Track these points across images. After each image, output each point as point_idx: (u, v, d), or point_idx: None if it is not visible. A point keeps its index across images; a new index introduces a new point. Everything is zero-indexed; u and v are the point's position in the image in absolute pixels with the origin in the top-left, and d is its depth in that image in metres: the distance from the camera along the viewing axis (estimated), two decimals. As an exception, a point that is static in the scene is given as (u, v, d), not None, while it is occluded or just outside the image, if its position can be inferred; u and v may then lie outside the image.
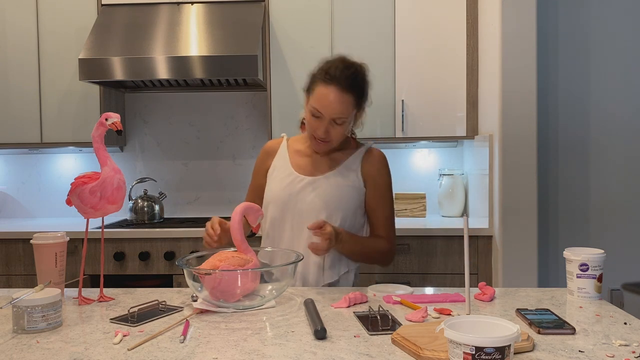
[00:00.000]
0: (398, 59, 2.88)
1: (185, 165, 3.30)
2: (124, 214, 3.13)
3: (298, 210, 1.66)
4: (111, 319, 1.26)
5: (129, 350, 1.06)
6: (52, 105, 2.98)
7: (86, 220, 1.47)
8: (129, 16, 2.89)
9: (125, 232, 2.72)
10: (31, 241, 1.46)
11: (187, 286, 1.44)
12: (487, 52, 2.72)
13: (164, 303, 1.37)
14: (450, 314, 1.28)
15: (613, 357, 1.00)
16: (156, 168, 3.30)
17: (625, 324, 1.20)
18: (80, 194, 1.39)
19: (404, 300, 1.36)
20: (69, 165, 3.32)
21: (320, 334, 1.11)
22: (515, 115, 2.50)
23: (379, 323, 1.17)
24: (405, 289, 1.50)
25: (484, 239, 2.64)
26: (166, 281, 2.77)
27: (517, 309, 1.28)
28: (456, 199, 3.06)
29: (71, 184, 1.41)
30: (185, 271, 1.37)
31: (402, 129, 2.87)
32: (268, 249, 1.68)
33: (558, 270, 2.87)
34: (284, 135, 1.85)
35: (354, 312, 1.29)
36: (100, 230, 2.64)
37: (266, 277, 1.67)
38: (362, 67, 1.65)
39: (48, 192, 3.33)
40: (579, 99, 2.90)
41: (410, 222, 2.87)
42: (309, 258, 1.64)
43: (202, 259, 1.47)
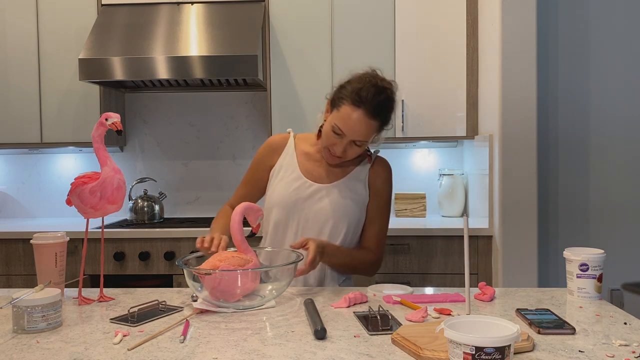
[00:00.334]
0: (398, 59, 2.88)
1: (185, 165, 3.30)
2: (124, 214, 3.13)
3: (304, 217, 1.66)
4: (111, 319, 1.26)
5: (129, 350, 1.06)
6: (52, 105, 2.98)
7: (86, 220, 1.47)
8: (129, 16, 2.89)
9: (125, 232, 2.72)
10: (31, 241, 1.46)
11: (187, 286, 1.44)
12: (487, 52, 2.72)
13: (164, 303, 1.37)
14: (450, 314, 1.28)
15: (613, 357, 1.00)
16: (156, 168, 3.30)
17: (625, 324, 1.20)
18: (80, 194, 1.39)
19: (404, 300, 1.36)
20: (69, 165, 3.32)
21: (320, 334, 1.11)
22: (515, 115, 2.50)
23: (379, 323, 1.17)
24: (405, 289, 1.50)
25: (484, 239, 2.64)
26: (166, 281, 2.77)
27: (517, 309, 1.28)
28: (456, 199, 3.06)
29: (71, 184, 1.41)
30: (185, 271, 1.37)
31: (402, 129, 2.87)
32: (268, 249, 1.68)
33: (558, 270, 2.87)
34: (290, 131, 1.80)
35: (354, 312, 1.29)
36: (100, 230, 2.64)
37: (266, 277, 1.67)
38: (392, 93, 1.61)
39: (48, 192, 3.33)
40: (579, 99, 2.90)
41: (410, 222, 2.87)
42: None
43: (202, 259, 1.47)
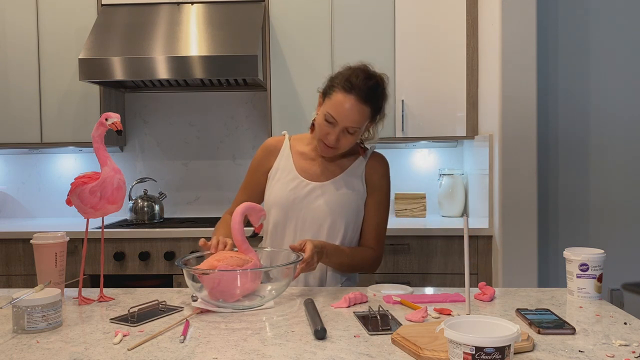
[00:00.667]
0: (398, 59, 2.88)
1: (185, 165, 3.30)
2: (124, 214, 3.13)
3: (302, 216, 1.66)
4: (111, 319, 1.26)
5: (129, 350, 1.06)
6: (52, 105, 2.98)
7: (86, 220, 1.47)
8: (129, 16, 2.89)
9: (125, 232, 2.72)
10: (31, 241, 1.46)
11: (187, 286, 1.44)
12: (487, 52, 2.72)
13: (164, 303, 1.37)
14: (450, 314, 1.28)
15: (613, 357, 1.00)
16: (156, 168, 3.30)
17: (625, 324, 1.20)
18: (80, 194, 1.39)
19: (404, 300, 1.36)
20: (69, 165, 3.32)
21: (320, 334, 1.11)
22: (515, 115, 2.50)
23: (379, 323, 1.17)
24: (405, 289, 1.50)
25: (484, 239, 2.64)
26: (166, 281, 2.77)
27: (517, 309, 1.28)
28: (456, 199, 3.06)
29: (71, 184, 1.41)
30: (184, 271, 1.37)
31: (402, 129, 2.87)
32: (268, 249, 1.68)
33: (558, 270, 2.87)
34: (285, 133, 1.82)
35: (354, 312, 1.29)
36: (100, 230, 2.64)
37: (266, 278, 1.67)
38: (382, 80, 1.63)
39: (48, 192, 3.33)
40: (579, 99, 2.90)
41: (410, 222, 2.87)
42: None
43: (202, 259, 1.46)
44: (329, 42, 2.89)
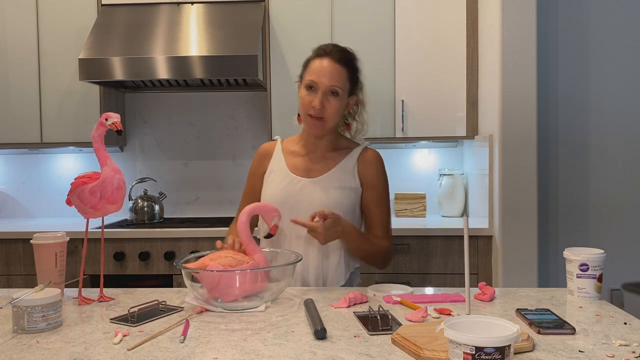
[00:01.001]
0: (398, 59, 2.88)
1: (185, 165, 3.30)
2: (124, 214, 3.13)
3: (296, 212, 1.65)
4: (111, 319, 1.26)
5: (129, 350, 1.06)
6: (52, 105, 2.98)
7: (86, 220, 1.47)
8: (129, 16, 2.89)
9: (125, 232, 2.72)
10: (31, 241, 1.46)
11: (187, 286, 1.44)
12: (487, 52, 2.72)
13: (164, 303, 1.37)
14: (450, 314, 1.28)
15: (613, 357, 1.00)
16: (156, 168, 3.30)
17: (625, 324, 1.20)
18: (80, 194, 1.39)
19: (404, 300, 1.36)
20: (69, 165, 3.32)
21: (320, 334, 1.11)
22: (515, 115, 2.50)
23: (379, 323, 1.17)
24: (405, 289, 1.50)
25: (484, 239, 2.64)
26: (166, 281, 2.77)
27: (517, 309, 1.28)
28: (456, 199, 3.06)
29: (71, 184, 1.41)
30: (183, 271, 1.36)
31: (402, 129, 2.87)
32: (266, 249, 1.67)
33: (558, 270, 2.87)
34: (278, 137, 1.86)
35: (354, 312, 1.29)
36: (100, 230, 2.64)
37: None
38: (353, 51, 1.74)
39: (48, 192, 3.33)
40: (579, 99, 2.90)
41: (410, 222, 2.87)
42: (309, 260, 1.64)
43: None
44: (329, 42, 2.88)
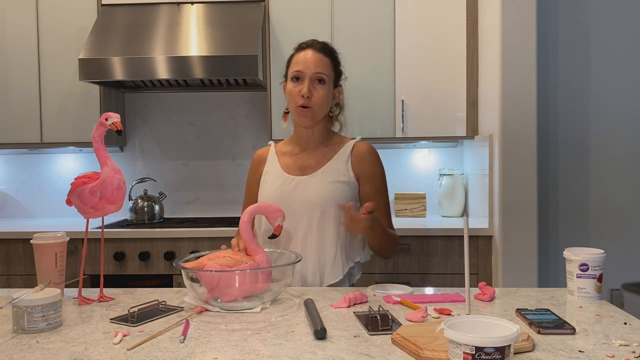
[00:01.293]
0: (398, 59, 2.88)
1: (185, 165, 3.30)
2: (124, 214, 3.13)
3: (291, 210, 1.66)
4: (111, 319, 1.26)
5: (128, 350, 1.06)
6: (52, 105, 2.98)
7: (86, 220, 1.47)
8: (129, 16, 2.89)
9: (125, 232, 2.72)
10: (31, 241, 1.46)
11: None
12: (487, 52, 2.72)
13: (164, 303, 1.37)
14: (450, 314, 1.28)
15: (613, 357, 1.00)
16: (156, 168, 3.30)
17: (625, 324, 1.20)
18: (80, 194, 1.39)
19: (404, 300, 1.36)
20: (69, 165, 3.32)
21: (320, 334, 1.11)
22: (515, 115, 2.50)
23: (379, 323, 1.17)
24: (405, 289, 1.50)
25: (484, 239, 2.64)
26: (166, 281, 2.77)
27: (517, 309, 1.28)
28: (456, 199, 3.06)
29: (71, 184, 1.41)
30: (182, 272, 1.36)
31: (402, 129, 2.87)
32: (266, 249, 1.67)
33: (558, 270, 2.87)
34: (271, 142, 1.88)
35: (354, 312, 1.29)
36: (100, 230, 2.64)
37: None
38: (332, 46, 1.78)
39: (48, 192, 3.33)
40: (579, 99, 2.90)
41: (410, 222, 2.87)
42: (308, 260, 1.64)
43: None
44: (329, 41, 2.88)
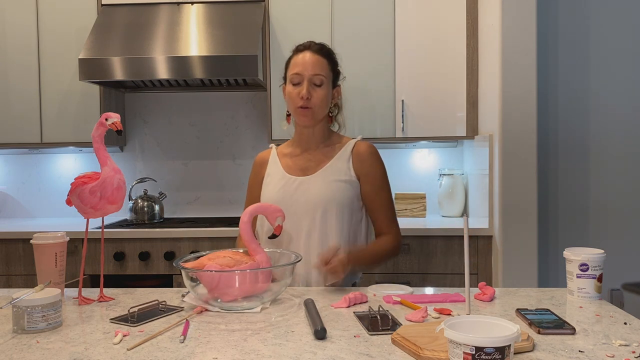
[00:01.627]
0: (398, 59, 2.88)
1: (185, 165, 3.30)
2: (124, 214, 3.13)
3: (293, 211, 1.66)
4: (111, 319, 1.26)
5: (128, 350, 1.06)
6: (52, 105, 2.98)
7: (86, 220, 1.47)
8: (129, 16, 2.89)
9: (125, 232, 2.72)
10: (31, 241, 1.46)
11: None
12: (487, 52, 2.72)
13: (164, 303, 1.37)
14: (450, 314, 1.28)
15: (613, 357, 1.00)
16: (156, 168, 3.30)
17: (625, 324, 1.20)
18: (80, 194, 1.39)
19: (404, 300, 1.36)
20: (69, 165, 3.32)
21: (320, 334, 1.11)
22: (515, 115, 2.50)
23: (379, 323, 1.17)
24: (405, 289, 1.50)
25: (484, 239, 2.64)
26: (166, 281, 2.77)
27: (517, 309, 1.28)
28: (456, 199, 3.06)
29: (71, 184, 1.41)
30: (182, 272, 1.36)
31: (402, 129, 2.87)
32: (266, 249, 1.67)
33: (558, 270, 2.87)
34: (272, 145, 1.88)
35: (354, 312, 1.29)
36: (100, 230, 2.64)
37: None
38: (329, 47, 1.79)
39: (48, 192, 3.33)
40: (579, 99, 2.90)
41: (410, 222, 2.87)
42: (311, 260, 1.64)
43: None
44: (329, 42, 2.89)
